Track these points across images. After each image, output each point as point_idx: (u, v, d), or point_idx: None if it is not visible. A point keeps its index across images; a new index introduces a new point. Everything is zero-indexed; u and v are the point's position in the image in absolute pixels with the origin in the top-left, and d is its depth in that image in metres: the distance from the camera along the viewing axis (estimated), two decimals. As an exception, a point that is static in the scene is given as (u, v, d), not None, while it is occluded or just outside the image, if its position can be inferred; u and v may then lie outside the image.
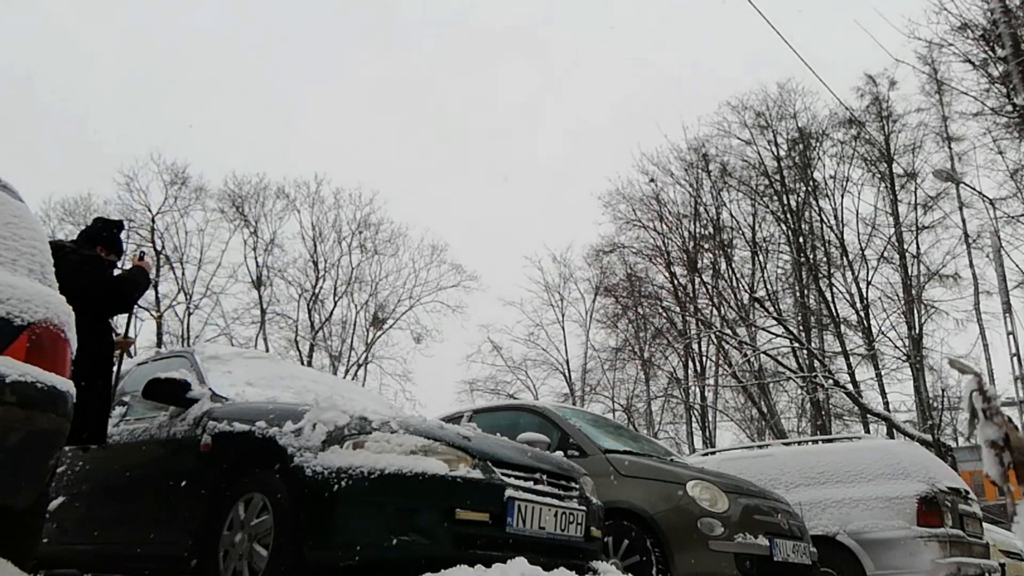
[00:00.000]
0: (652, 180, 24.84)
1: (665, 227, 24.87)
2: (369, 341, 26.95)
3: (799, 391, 23.09)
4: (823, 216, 23.55)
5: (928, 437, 19.19)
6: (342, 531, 3.30)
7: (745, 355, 22.85)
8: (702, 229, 24.66)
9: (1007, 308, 15.65)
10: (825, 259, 23.38)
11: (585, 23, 43.89)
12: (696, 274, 24.32)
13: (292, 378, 4.84)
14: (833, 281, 22.99)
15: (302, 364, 21.80)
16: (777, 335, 23.12)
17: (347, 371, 25.86)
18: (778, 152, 23.94)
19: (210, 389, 4.23)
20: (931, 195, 21.55)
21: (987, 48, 17.88)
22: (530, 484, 3.76)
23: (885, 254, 22.58)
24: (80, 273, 3.91)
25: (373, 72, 42.24)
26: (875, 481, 6.61)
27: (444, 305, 27.27)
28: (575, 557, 3.90)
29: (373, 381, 26.11)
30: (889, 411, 21.15)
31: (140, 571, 4.08)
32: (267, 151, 38.44)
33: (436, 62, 42.33)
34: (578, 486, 4.10)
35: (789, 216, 23.58)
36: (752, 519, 5.16)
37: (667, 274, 24.74)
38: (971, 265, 19.92)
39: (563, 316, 27.97)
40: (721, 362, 24.31)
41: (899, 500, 6.41)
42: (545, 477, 3.87)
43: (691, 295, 24.40)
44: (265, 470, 3.59)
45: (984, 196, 18.04)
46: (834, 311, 22.60)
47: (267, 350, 22.82)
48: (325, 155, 41.83)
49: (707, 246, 24.50)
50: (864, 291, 22.39)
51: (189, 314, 24.76)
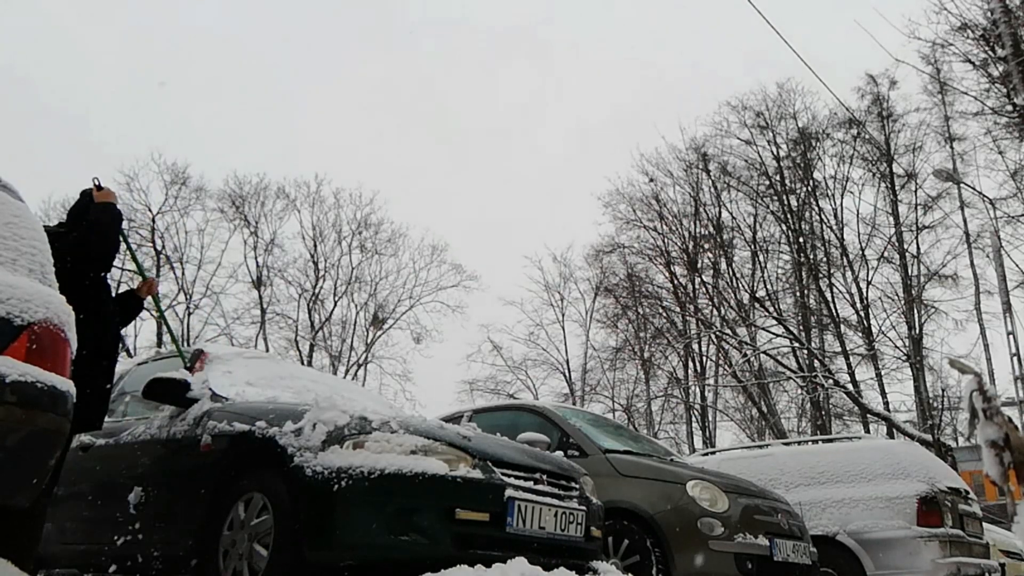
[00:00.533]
0: (652, 180, 24.91)
1: (665, 227, 24.92)
2: (369, 341, 26.97)
3: (799, 391, 23.11)
4: (823, 216, 23.59)
5: (928, 437, 19.20)
6: (342, 531, 3.30)
7: (745, 355, 22.86)
8: (702, 229, 24.70)
9: (1007, 308, 15.66)
10: (825, 259, 23.40)
11: (585, 23, 43.93)
12: (696, 274, 24.34)
13: (292, 378, 4.83)
14: (833, 281, 23.02)
15: (302, 364, 21.80)
16: (777, 335, 23.15)
17: (347, 371, 25.87)
18: (778, 152, 23.97)
19: (209, 389, 4.23)
20: (931, 195, 21.58)
21: (987, 48, 17.89)
22: (530, 484, 3.75)
23: (885, 254, 22.61)
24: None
25: (373, 72, 42.31)
26: (875, 481, 6.62)
27: (444, 305, 27.31)
28: (575, 557, 3.90)
29: (373, 381, 26.15)
30: (889, 411, 21.17)
31: (140, 571, 4.08)
32: (267, 151, 38.48)
33: (436, 62, 42.39)
34: (578, 486, 4.10)
35: (789, 216, 23.59)
36: (752, 519, 5.16)
37: (667, 274, 24.79)
38: (972, 265, 19.96)
39: (563, 316, 28.02)
40: (721, 362, 24.32)
41: (899, 500, 6.41)
42: (545, 477, 3.87)
43: (691, 295, 24.42)
44: (265, 470, 3.59)
45: (984, 196, 18.06)
46: (834, 311, 22.62)
47: (267, 350, 22.80)
48: (325, 155, 41.87)
49: (707, 246, 24.53)
50: (864, 291, 22.42)
51: (189, 314, 24.76)
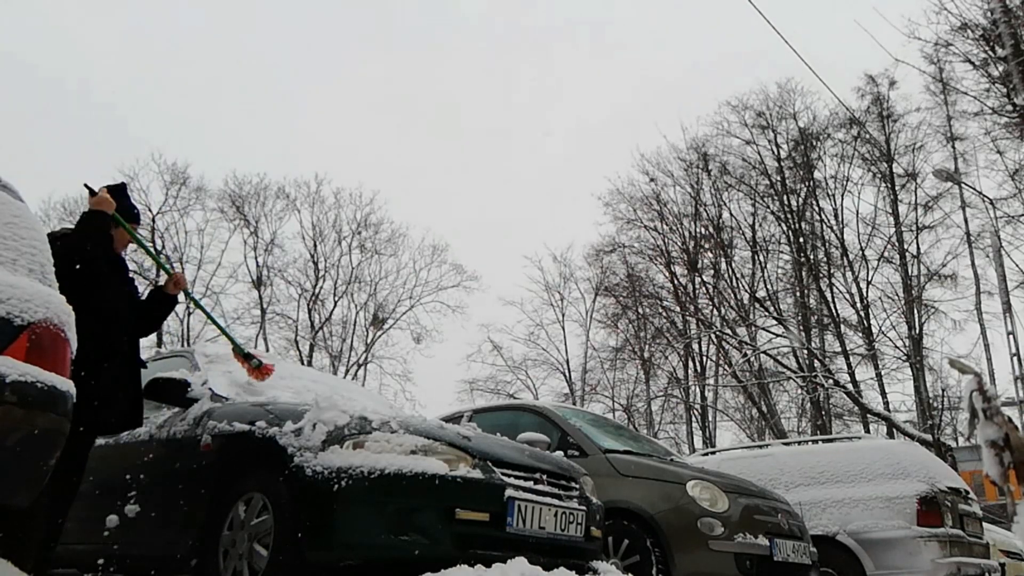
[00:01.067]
0: (652, 180, 24.92)
1: (665, 227, 24.95)
2: (369, 341, 26.98)
3: (799, 391, 23.11)
4: (823, 216, 23.60)
5: (928, 437, 19.20)
6: (342, 531, 3.30)
7: (745, 355, 22.86)
8: (702, 229, 24.71)
9: (1007, 308, 15.66)
10: (825, 259, 23.40)
11: (585, 23, 43.92)
12: (696, 274, 24.35)
13: (292, 378, 4.83)
14: (833, 281, 23.03)
15: (302, 364, 21.81)
16: (777, 335, 23.15)
17: (347, 371, 25.87)
18: (779, 152, 23.96)
19: (210, 389, 4.23)
20: (931, 195, 21.58)
21: (987, 48, 17.89)
22: (530, 484, 3.75)
23: (885, 254, 22.61)
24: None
25: (373, 72, 42.32)
26: (875, 481, 6.61)
27: (444, 305, 27.33)
28: (575, 557, 3.90)
29: (373, 381, 26.16)
30: (889, 411, 21.18)
31: (140, 571, 4.08)
32: (267, 151, 38.53)
33: (436, 62, 42.38)
34: (578, 486, 4.10)
35: (789, 216, 23.59)
36: (752, 519, 5.16)
37: (667, 274, 24.79)
38: (972, 265, 19.94)
39: (563, 316, 28.02)
40: (721, 362, 24.32)
41: (899, 500, 6.41)
42: (545, 477, 3.87)
43: (691, 295, 24.42)
44: (265, 470, 3.59)
45: (984, 196, 18.06)
46: (834, 311, 22.62)
47: (267, 350, 22.79)
48: (325, 155, 41.89)
49: (707, 246, 24.53)
50: (864, 291, 22.43)
51: (189, 314, 24.72)
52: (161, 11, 37.58)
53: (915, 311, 21.55)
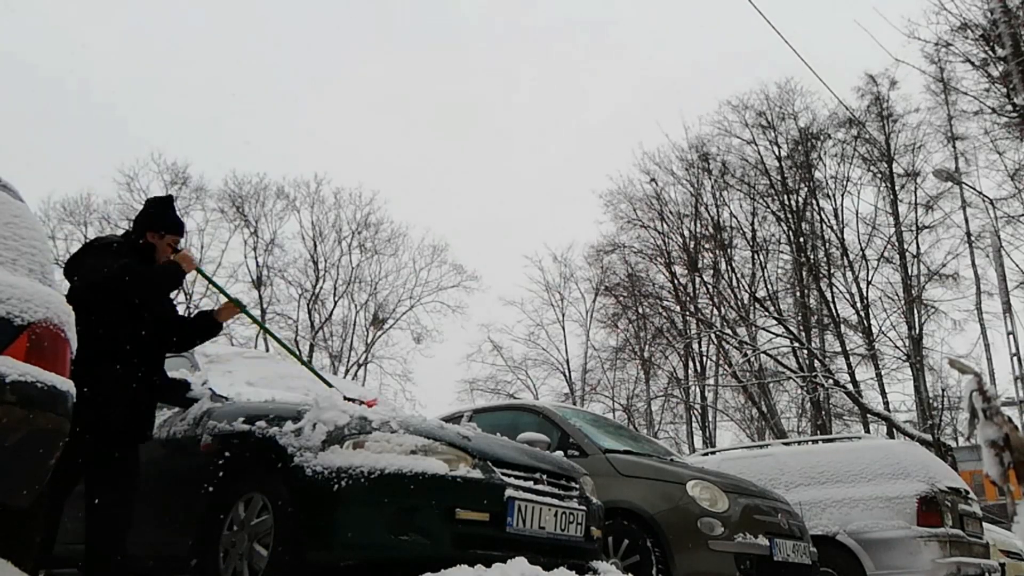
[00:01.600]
0: (653, 179, 24.90)
1: (666, 226, 24.93)
2: (369, 341, 26.98)
3: (799, 391, 23.11)
4: (823, 216, 23.59)
5: (928, 437, 19.20)
6: (342, 531, 3.30)
7: (745, 355, 22.86)
8: (703, 229, 24.68)
9: (1007, 308, 15.66)
10: (825, 259, 23.40)
11: (585, 23, 43.90)
12: (696, 274, 24.33)
13: (292, 378, 4.84)
14: (833, 281, 23.02)
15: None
16: (777, 335, 23.15)
17: (347, 371, 25.87)
18: (779, 152, 23.96)
19: (209, 388, 4.23)
20: (931, 195, 21.58)
21: (987, 48, 17.89)
22: (530, 484, 3.76)
23: (885, 254, 22.61)
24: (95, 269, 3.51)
25: (373, 72, 42.30)
26: (875, 481, 6.62)
27: (444, 305, 27.33)
28: (575, 557, 3.90)
29: (373, 381, 26.16)
30: (889, 411, 21.17)
31: (140, 571, 4.07)
32: (267, 151, 38.49)
33: (436, 62, 42.37)
34: (578, 486, 4.10)
35: (790, 216, 23.59)
36: (752, 519, 5.16)
37: (667, 274, 24.78)
38: (973, 265, 19.95)
39: (563, 316, 28.02)
40: (721, 362, 24.31)
41: (899, 500, 6.42)
42: (545, 477, 3.87)
43: (691, 295, 24.41)
44: (265, 470, 3.58)
45: (984, 196, 18.06)
46: (834, 311, 22.62)
47: (267, 350, 22.81)
48: (325, 155, 41.92)
49: (707, 246, 24.51)
50: (864, 291, 22.42)
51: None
52: (161, 11, 37.62)
53: (915, 311, 21.55)
